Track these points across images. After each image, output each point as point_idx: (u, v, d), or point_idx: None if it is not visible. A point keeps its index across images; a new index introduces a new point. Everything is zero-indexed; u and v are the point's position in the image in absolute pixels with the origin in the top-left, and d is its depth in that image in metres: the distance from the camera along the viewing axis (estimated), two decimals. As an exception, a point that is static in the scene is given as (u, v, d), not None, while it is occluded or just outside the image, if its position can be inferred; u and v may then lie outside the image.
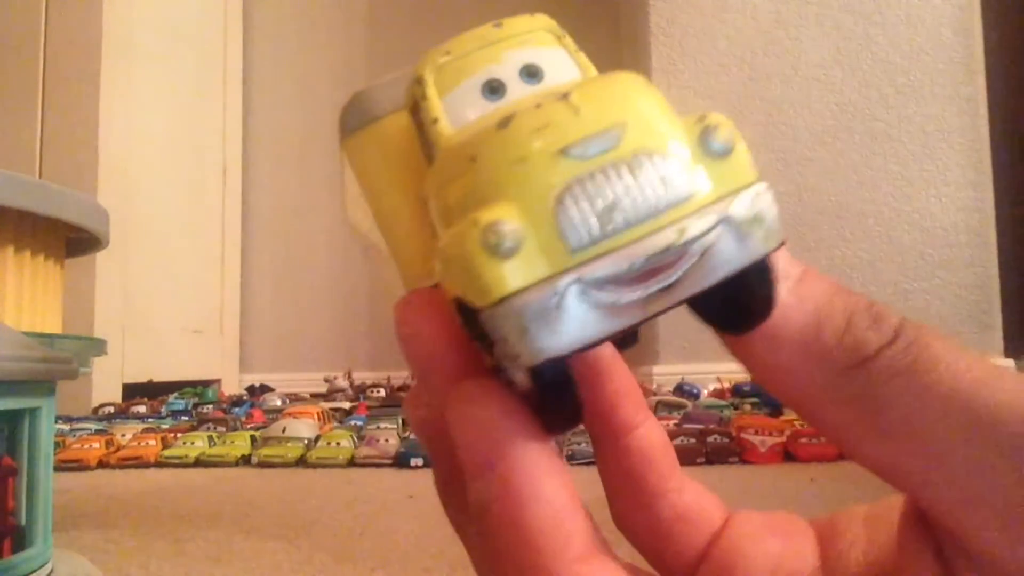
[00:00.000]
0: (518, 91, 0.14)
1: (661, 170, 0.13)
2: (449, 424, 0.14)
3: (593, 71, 0.15)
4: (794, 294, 0.15)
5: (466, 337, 0.13)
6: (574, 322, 0.12)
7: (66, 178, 1.44)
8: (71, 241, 0.54)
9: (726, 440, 0.89)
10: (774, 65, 1.44)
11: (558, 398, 0.13)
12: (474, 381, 0.14)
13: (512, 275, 0.12)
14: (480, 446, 0.14)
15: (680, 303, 0.13)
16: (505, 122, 0.13)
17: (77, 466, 0.89)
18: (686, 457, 0.87)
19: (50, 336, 0.45)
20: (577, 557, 0.13)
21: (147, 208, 1.67)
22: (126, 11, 1.60)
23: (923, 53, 1.41)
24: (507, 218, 0.12)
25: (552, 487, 0.13)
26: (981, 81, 1.41)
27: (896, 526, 0.16)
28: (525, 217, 0.12)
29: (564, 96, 0.13)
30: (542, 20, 0.16)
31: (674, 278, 0.12)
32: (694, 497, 0.19)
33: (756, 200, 0.13)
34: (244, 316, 2.07)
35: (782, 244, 0.14)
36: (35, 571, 0.35)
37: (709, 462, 0.87)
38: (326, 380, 1.59)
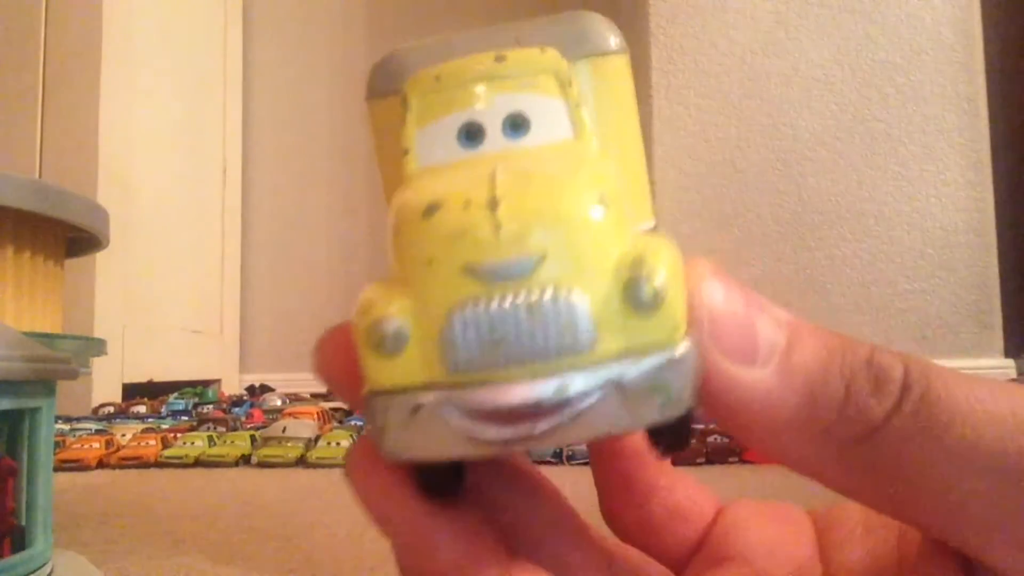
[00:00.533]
0: (495, 143, 0.14)
1: (565, 314, 0.12)
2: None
3: (587, 132, 0.14)
4: (781, 372, 0.13)
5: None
6: (429, 438, 0.12)
7: (66, 178, 1.44)
8: (71, 241, 0.54)
9: (726, 440, 0.89)
10: (774, 65, 1.44)
11: (428, 479, 0.14)
12: (361, 445, 0.14)
13: (386, 373, 0.12)
14: (373, 510, 0.14)
15: (543, 449, 0.12)
16: (430, 212, 0.12)
17: (77, 466, 0.89)
18: (686, 457, 0.87)
19: (50, 336, 0.45)
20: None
21: (147, 208, 1.67)
22: (126, 11, 1.60)
23: (923, 53, 1.41)
24: (396, 316, 0.12)
25: (444, 538, 0.14)
26: (981, 81, 1.41)
27: (894, 521, 0.16)
28: (418, 317, 0.12)
29: (493, 203, 0.12)
30: (551, 60, 0.14)
31: (539, 430, 0.12)
32: (686, 493, 0.19)
33: (661, 368, 0.12)
34: (244, 316, 2.07)
35: (689, 411, 0.13)
36: (35, 571, 0.35)
37: (709, 462, 0.87)
38: (326, 380, 1.58)
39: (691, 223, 1.43)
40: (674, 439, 0.14)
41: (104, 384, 1.44)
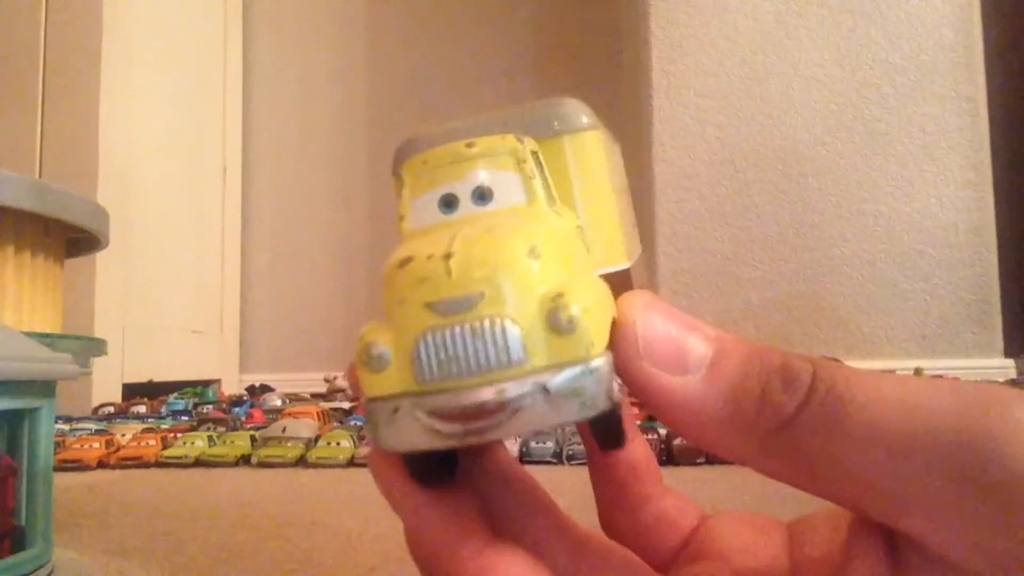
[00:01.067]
0: (467, 208, 0.18)
1: (499, 337, 0.15)
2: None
3: (539, 199, 0.18)
4: (707, 380, 0.16)
5: None
6: (405, 433, 0.16)
7: (66, 178, 1.44)
8: (71, 241, 0.54)
9: (618, 403, 0.89)
10: (774, 65, 1.44)
11: (419, 467, 0.17)
12: (373, 453, 0.18)
13: (376, 385, 0.16)
14: (383, 495, 0.18)
15: (493, 441, 0.16)
16: (404, 263, 0.16)
17: (77, 466, 0.89)
18: (686, 457, 0.87)
19: (50, 336, 0.45)
20: (471, 556, 0.17)
21: (147, 208, 1.67)
22: (126, 11, 1.60)
23: (923, 53, 1.41)
24: (380, 343, 0.16)
25: (432, 515, 0.17)
26: (981, 81, 1.41)
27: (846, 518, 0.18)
28: (395, 344, 0.16)
29: (448, 256, 0.15)
30: (509, 143, 0.18)
31: (485, 425, 0.15)
32: (673, 503, 0.22)
33: (578, 376, 0.15)
34: (244, 316, 2.07)
35: (608, 410, 0.16)
36: (35, 571, 0.35)
37: (709, 462, 0.87)
38: (326, 380, 1.59)
39: (691, 223, 1.43)
40: (610, 436, 0.17)
41: (104, 384, 1.44)
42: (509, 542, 0.17)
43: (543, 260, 0.16)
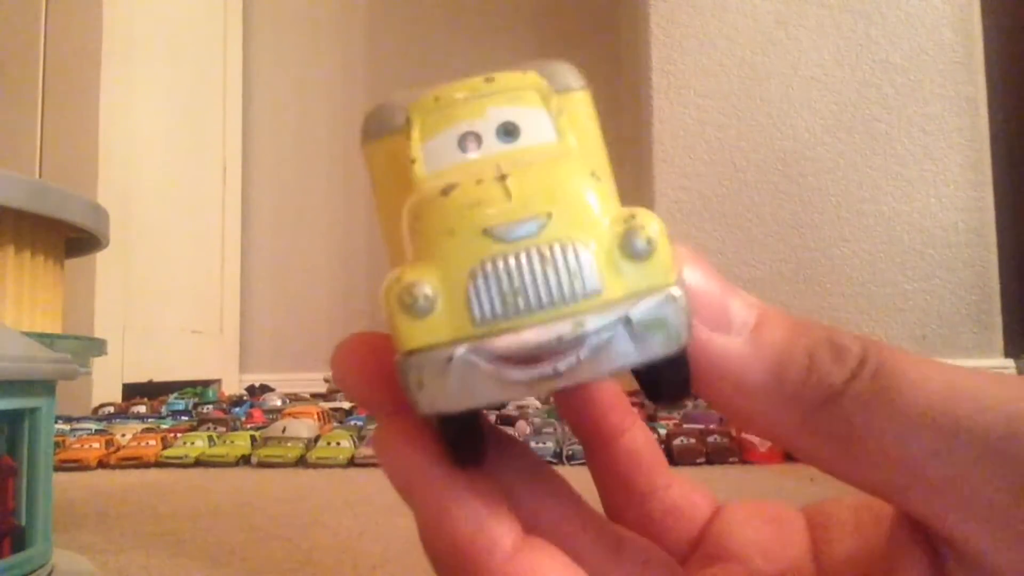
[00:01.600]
0: (492, 147, 0.15)
1: (573, 263, 0.13)
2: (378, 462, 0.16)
3: (570, 136, 0.16)
4: (752, 343, 0.15)
5: (392, 377, 0.15)
6: (463, 386, 0.13)
7: (66, 178, 1.44)
8: (71, 241, 0.54)
9: (726, 440, 0.89)
10: (774, 65, 1.44)
11: (460, 440, 0.15)
12: (388, 424, 0.16)
13: (418, 333, 0.13)
14: (397, 482, 0.16)
15: (568, 387, 0.14)
16: (447, 191, 0.14)
17: (77, 466, 0.89)
18: (686, 457, 0.87)
19: (50, 336, 0.45)
20: (505, 558, 0.15)
21: (147, 208, 1.67)
22: (126, 11, 1.60)
23: (923, 53, 1.41)
24: (424, 281, 0.13)
25: (462, 506, 0.15)
26: (981, 81, 1.41)
27: (883, 516, 0.17)
28: (443, 283, 0.13)
29: (503, 177, 0.14)
30: (531, 79, 0.16)
31: (562, 366, 0.13)
32: (682, 493, 0.20)
33: (661, 305, 0.14)
34: (244, 316, 2.07)
35: (683, 348, 0.14)
36: (35, 571, 0.35)
37: (709, 462, 0.87)
38: (326, 380, 1.59)
39: (691, 223, 1.43)
40: (677, 382, 0.15)
41: (104, 384, 1.44)
42: (544, 541, 0.15)
43: (603, 183, 0.14)
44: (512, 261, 0.13)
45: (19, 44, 1.51)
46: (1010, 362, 1.37)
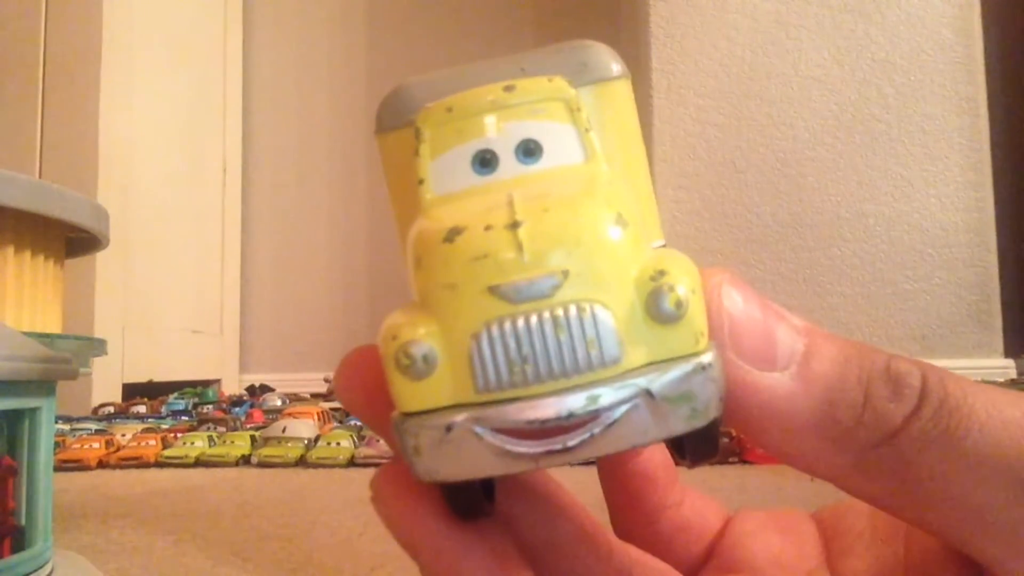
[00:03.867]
0: (509, 169, 0.14)
1: (590, 329, 0.12)
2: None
3: (598, 155, 0.14)
4: (800, 379, 0.13)
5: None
6: (462, 457, 0.12)
7: (66, 178, 1.44)
8: (71, 241, 0.54)
9: (726, 440, 0.89)
10: (774, 65, 1.44)
11: (460, 502, 0.14)
12: (386, 473, 0.15)
13: (416, 396, 0.12)
14: (399, 536, 0.14)
15: (579, 461, 0.13)
16: (452, 236, 0.12)
17: (77, 466, 0.89)
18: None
19: (50, 336, 0.45)
20: None
21: (147, 208, 1.67)
22: (126, 11, 1.60)
23: (923, 53, 1.41)
24: (424, 340, 0.12)
25: (470, 563, 0.14)
26: (981, 81, 1.41)
27: (900, 525, 0.17)
28: (444, 342, 0.12)
29: (514, 225, 0.12)
30: (559, 87, 0.14)
31: (573, 442, 0.12)
32: (693, 508, 0.19)
33: (687, 377, 0.12)
34: (244, 316, 2.07)
35: (715, 420, 0.13)
36: (35, 571, 0.35)
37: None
38: (326, 380, 1.59)
39: (691, 223, 1.43)
40: (703, 447, 0.14)
41: (104, 384, 1.44)
42: None
43: (630, 229, 0.13)
44: (521, 325, 0.12)
45: (19, 44, 1.51)
46: (1010, 362, 1.37)
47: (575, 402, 0.12)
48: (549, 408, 0.12)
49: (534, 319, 0.12)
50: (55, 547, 0.38)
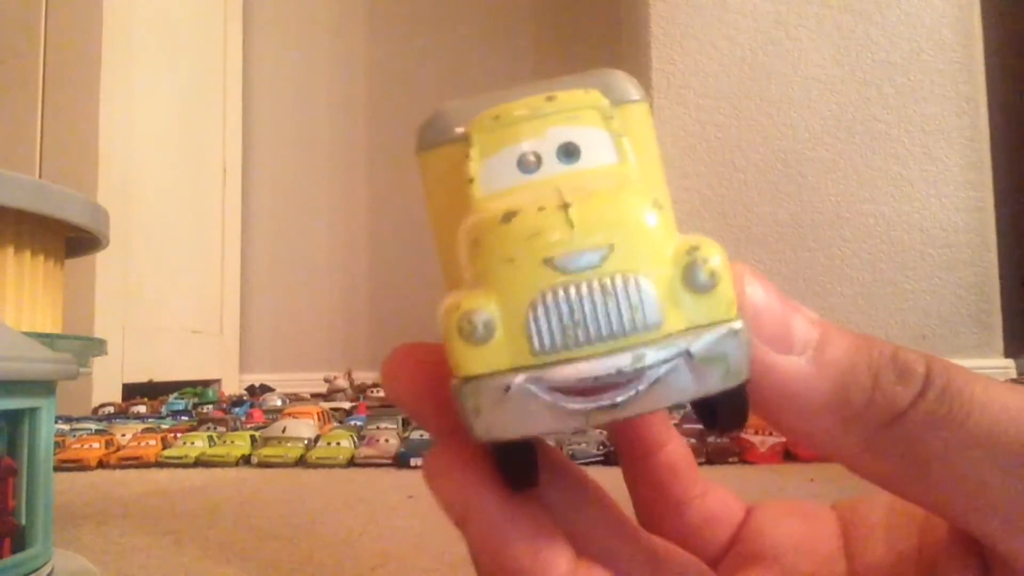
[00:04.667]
0: (552, 168, 0.15)
1: (634, 296, 0.13)
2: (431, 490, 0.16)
3: (630, 160, 0.15)
4: (815, 363, 0.15)
5: (443, 395, 0.15)
6: (520, 415, 0.14)
7: (66, 178, 1.44)
8: (71, 241, 0.54)
9: (726, 440, 0.89)
10: (774, 65, 1.44)
11: (513, 465, 0.15)
12: (441, 449, 0.16)
13: (476, 360, 0.14)
14: (452, 510, 0.15)
15: (627, 417, 0.14)
16: (508, 217, 0.14)
17: (77, 466, 0.89)
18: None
19: (50, 336, 0.45)
20: None
21: (147, 208, 1.67)
22: (126, 11, 1.60)
23: (923, 53, 1.41)
24: (484, 309, 0.13)
25: (518, 531, 0.15)
26: (981, 81, 1.41)
27: (915, 516, 0.17)
28: (502, 311, 0.13)
29: (565, 206, 0.14)
30: (594, 98, 0.16)
31: (620, 399, 0.13)
32: (718, 498, 0.20)
33: (722, 340, 0.14)
34: (244, 316, 2.07)
35: (745, 382, 0.14)
36: (35, 571, 0.35)
37: (709, 462, 0.87)
38: (326, 380, 1.59)
39: (691, 223, 1.43)
40: (734, 413, 0.15)
41: (104, 384, 1.44)
42: (598, 566, 0.15)
43: (664, 214, 0.14)
44: (573, 292, 0.13)
45: (19, 44, 1.51)
46: (1010, 362, 1.37)
47: (622, 361, 0.13)
48: (599, 367, 0.13)
49: (584, 287, 0.13)
50: (55, 547, 0.38)
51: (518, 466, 0.15)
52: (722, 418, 0.15)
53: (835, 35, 1.42)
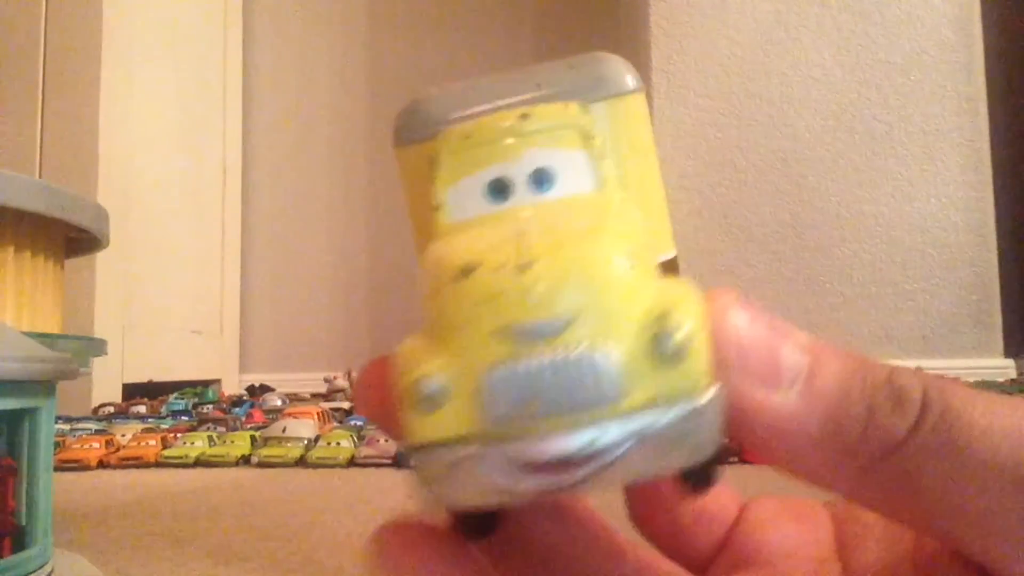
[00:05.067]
0: (522, 197, 0.14)
1: (595, 368, 0.12)
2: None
3: (610, 185, 0.15)
4: (804, 397, 0.14)
5: None
6: (470, 487, 0.13)
7: (66, 178, 1.44)
8: (71, 241, 0.54)
9: (726, 440, 0.89)
10: (774, 65, 1.44)
11: (470, 522, 0.15)
12: (387, 534, 0.15)
13: (427, 428, 0.13)
14: None
15: (578, 495, 0.13)
16: (465, 273, 0.13)
17: (77, 466, 0.89)
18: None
19: (50, 336, 0.45)
20: None
21: (147, 208, 1.67)
22: (126, 11, 1.60)
23: (923, 53, 1.41)
24: (437, 373, 0.13)
25: None
26: (981, 81, 1.41)
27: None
28: (457, 377, 0.13)
29: (525, 266, 0.13)
30: (572, 114, 0.15)
31: (576, 477, 0.13)
32: (712, 495, 0.19)
33: (688, 417, 0.13)
34: (244, 316, 2.07)
35: (714, 457, 0.13)
36: (35, 571, 0.35)
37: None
38: (326, 380, 1.59)
39: (691, 223, 1.43)
40: (702, 479, 0.14)
41: (104, 384, 1.44)
42: None
43: (638, 264, 0.13)
44: (531, 364, 0.12)
45: (19, 44, 1.51)
46: (1010, 362, 1.37)
47: (579, 439, 0.12)
48: (554, 445, 0.12)
49: (541, 359, 0.12)
50: (55, 547, 0.38)
51: (474, 524, 0.15)
52: (691, 486, 0.15)
53: (835, 35, 1.43)
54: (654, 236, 0.15)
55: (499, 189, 0.14)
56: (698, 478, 0.14)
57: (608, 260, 0.13)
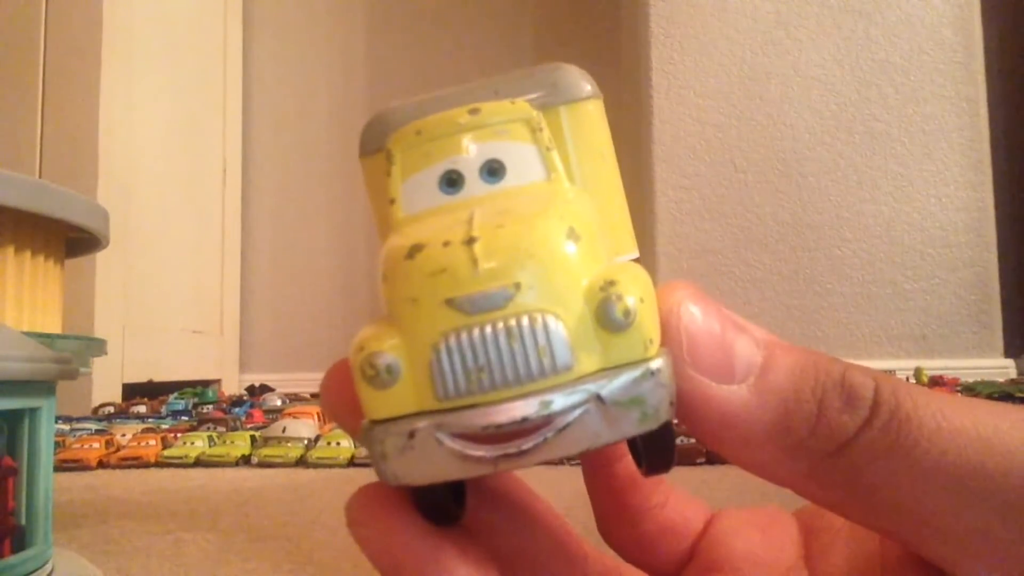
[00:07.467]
0: (474, 188, 0.15)
1: (541, 338, 0.13)
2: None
3: (559, 172, 0.15)
4: (756, 390, 0.14)
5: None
6: (425, 461, 0.13)
7: (66, 178, 1.44)
8: (71, 241, 0.54)
9: (692, 440, 0.89)
10: (774, 65, 1.44)
11: (430, 505, 0.14)
12: (360, 494, 0.15)
13: (381, 404, 0.13)
14: (378, 555, 0.14)
15: (534, 464, 0.13)
16: (413, 253, 0.13)
17: (77, 466, 0.89)
18: (686, 457, 0.87)
19: (50, 336, 0.45)
20: None
21: (147, 208, 1.67)
22: (126, 11, 1.60)
23: (923, 53, 1.41)
24: (388, 351, 0.13)
25: (446, 568, 0.14)
26: (981, 81, 1.41)
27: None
28: (408, 352, 0.13)
29: (470, 241, 0.13)
30: (521, 109, 0.15)
31: (527, 445, 0.13)
32: (676, 509, 0.20)
33: (636, 382, 0.13)
34: (244, 316, 2.07)
35: (667, 423, 0.13)
36: (35, 571, 0.35)
37: (709, 462, 0.87)
38: (326, 380, 1.58)
39: (691, 223, 1.43)
40: (659, 458, 0.14)
41: (104, 384, 1.44)
42: None
43: (583, 243, 0.13)
44: (476, 335, 0.13)
45: (19, 44, 1.51)
46: (1010, 362, 1.37)
47: (529, 407, 0.13)
48: (504, 413, 0.13)
49: (488, 329, 0.13)
50: (55, 547, 0.38)
51: (436, 505, 0.14)
52: (647, 460, 0.15)
53: (835, 35, 1.43)
54: (612, 234, 0.16)
55: (451, 181, 0.15)
56: (655, 458, 0.14)
57: (555, 233, 0.13)
